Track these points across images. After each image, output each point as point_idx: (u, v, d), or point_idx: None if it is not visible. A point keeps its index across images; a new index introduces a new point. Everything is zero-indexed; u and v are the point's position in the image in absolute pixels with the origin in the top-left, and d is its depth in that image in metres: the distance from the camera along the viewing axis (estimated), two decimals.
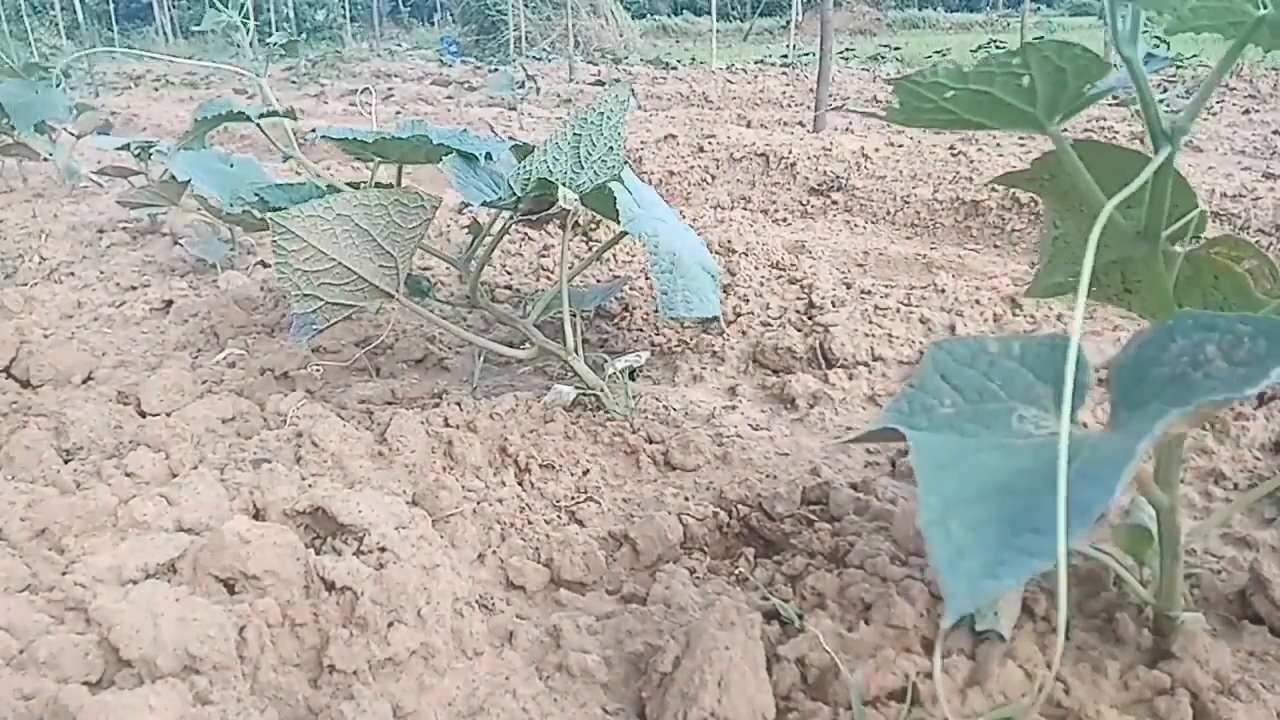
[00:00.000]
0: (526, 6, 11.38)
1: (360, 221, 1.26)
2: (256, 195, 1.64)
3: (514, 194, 1.39)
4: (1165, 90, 5.01)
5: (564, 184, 1.36)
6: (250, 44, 1.59)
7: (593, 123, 1.35)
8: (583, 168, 1.37)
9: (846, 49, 10.24)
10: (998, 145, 3.28)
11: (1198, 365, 0.55)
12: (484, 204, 1.47)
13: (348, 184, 1.61)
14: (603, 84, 7.31)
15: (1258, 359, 0.52)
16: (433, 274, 2.16)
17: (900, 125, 0.80)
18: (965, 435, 0.60)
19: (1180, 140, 0.67)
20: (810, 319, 1.77)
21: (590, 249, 2.33)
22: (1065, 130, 0.70)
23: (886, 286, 1.91)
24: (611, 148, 1.38)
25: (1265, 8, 0.56)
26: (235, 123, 1.54)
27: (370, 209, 1.27)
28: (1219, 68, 0.66)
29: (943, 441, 0.59)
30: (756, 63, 9.12)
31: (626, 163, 1.78)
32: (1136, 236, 0.72)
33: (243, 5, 1.65)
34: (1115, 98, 4.96)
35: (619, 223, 1.30)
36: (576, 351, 1.46)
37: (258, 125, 1.50)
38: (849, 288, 1.90)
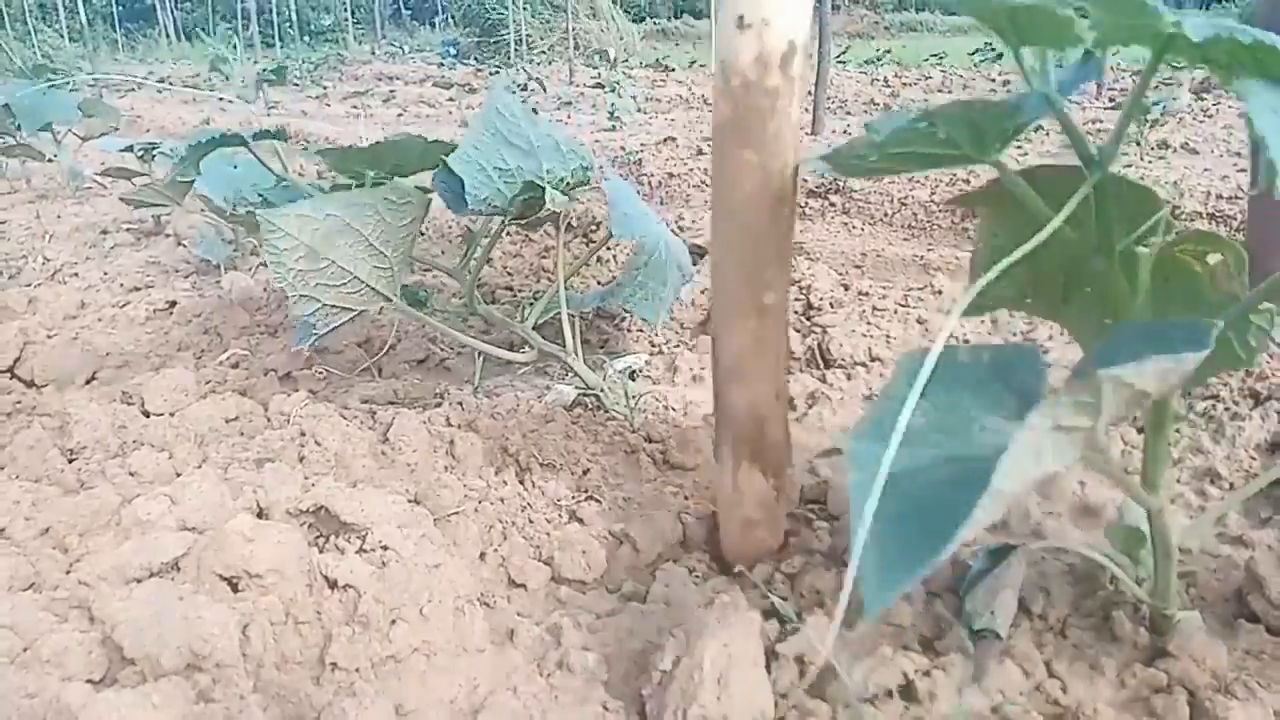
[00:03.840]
0: (526, 9, 11.39)
1: (350, 220, 1.27)
2: (260, 196, 1.65)
3: (505, 197, 1.40)
4: (1161, 91, 5.01)
5: (537, 178, 1.37)
6: (238, 69, 1.59)
7: (504, 116, 1.37)
8: (537, 154, 1.40)
9: (844, 52, 10.24)
10: None
11: None
12: (474, 212, 1.47)
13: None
14: (603, 86, 7.31)
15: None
16: (433, 274, 2.17)
17: (852, 176, 0.82)
18: (930, 447, 0.60)
19: (1108, 164, 0.68)
20: (808, 320, 1.78)
21: (590, 249, 2.33)
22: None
23: (884, 288, 1.91)
24: (549, 133, 1.40)
25: (1176, 27, 0.57)
26: (230, 146, 1.54)
27: (360, 207, 1.27)
28: (1141, 82, 0.66)
29: (899, 455, 0.59)
30: None
31: (625, 163, 1.78)
32: (1092, 252, 0.72)
33: (231, 38, 1.65)
34: (1111, 99, 4.97)
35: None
36: (576, 352, 1.47)
37: (251, 150, 1.51)
38: (847, 289, 1.90)
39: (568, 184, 1.42)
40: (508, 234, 2.21)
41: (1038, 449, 0.51)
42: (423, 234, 2.15)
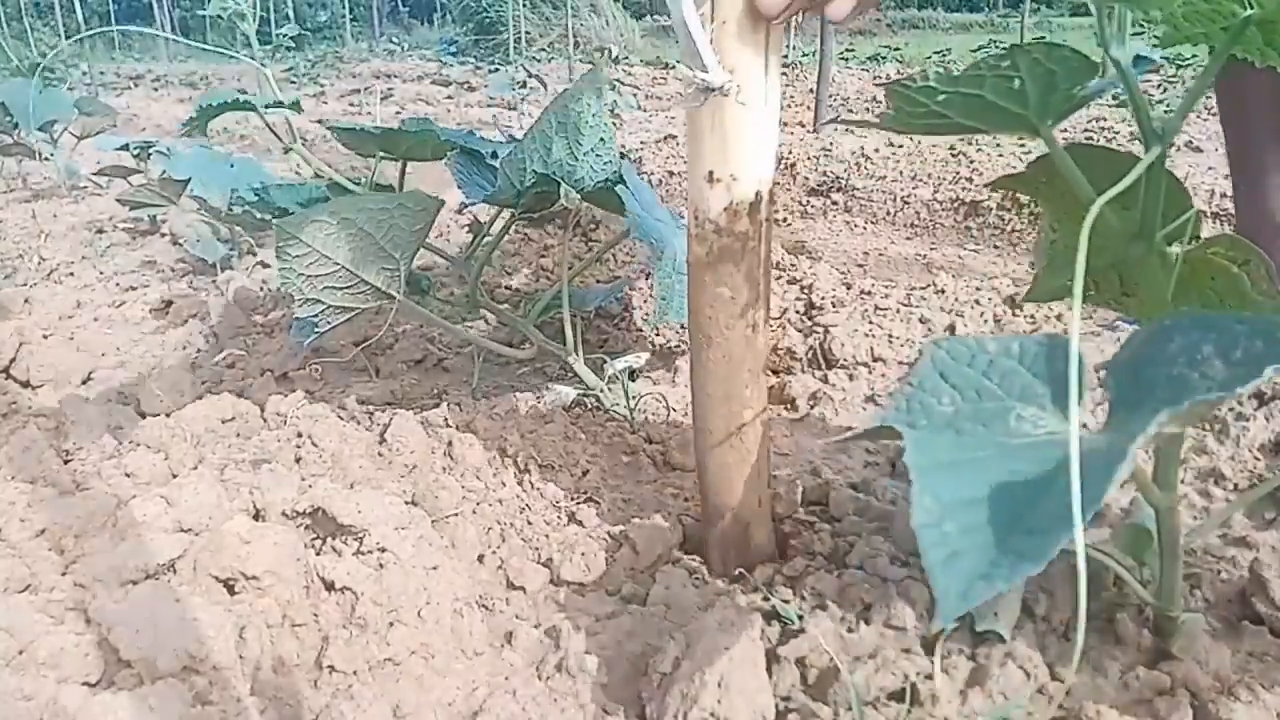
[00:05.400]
0: (526, 6, 11.38)
1: (364, 225, 1.26)
2: (257, 195, 1.64)
3: (515, 190, 1.38)
4: (1166, 91, 5.01)
5: (561, 177, 1.36)
6: (255, 34, 1.59)
7: (574, 110, 1.34)
8: (577, 160, 1.37)
9: (846, 49, 10.24)
10: (997, 145, 3.29)
11: (1194, 365, 0.55)
12: (485, 201, 1.47)
13: (349, 181, 1.61)
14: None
15: (1254, 359, 0.52)
16: (433, 274, 2.16)
17: (897, 132, 0.81)
18: (964, 434, 0.60)
19: (1170, 140, 0.67)
20: (810, 319, 1.77)
21: (590, 249, 2.33)
22: (1065, 131, 0.71)
23: (886, 287, 1.91)
24: (603, 138, 1.37)
25: (1252, 7, 0.56)
26: (239, 112, 1.53)
27: (374, 213, 1.26)
28: (1207, 68, 0.66)
29: (941, 441, 0.59)
30: None
31: (625, 158, 1.78)
32: (1132, 238, 0.72)
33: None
34: (1115, 98, 4.96)
35: (624, 215, 1.31)
36: (576, 352, 1.46)
37: (261, 116, 1.50)
38: (849, 288, 1.90)
39: (589, 191, 1.40)
40: (507, 233, 2.20)
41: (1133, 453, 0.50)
42: None
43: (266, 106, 1.46)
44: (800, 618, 0.86)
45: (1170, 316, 0.61)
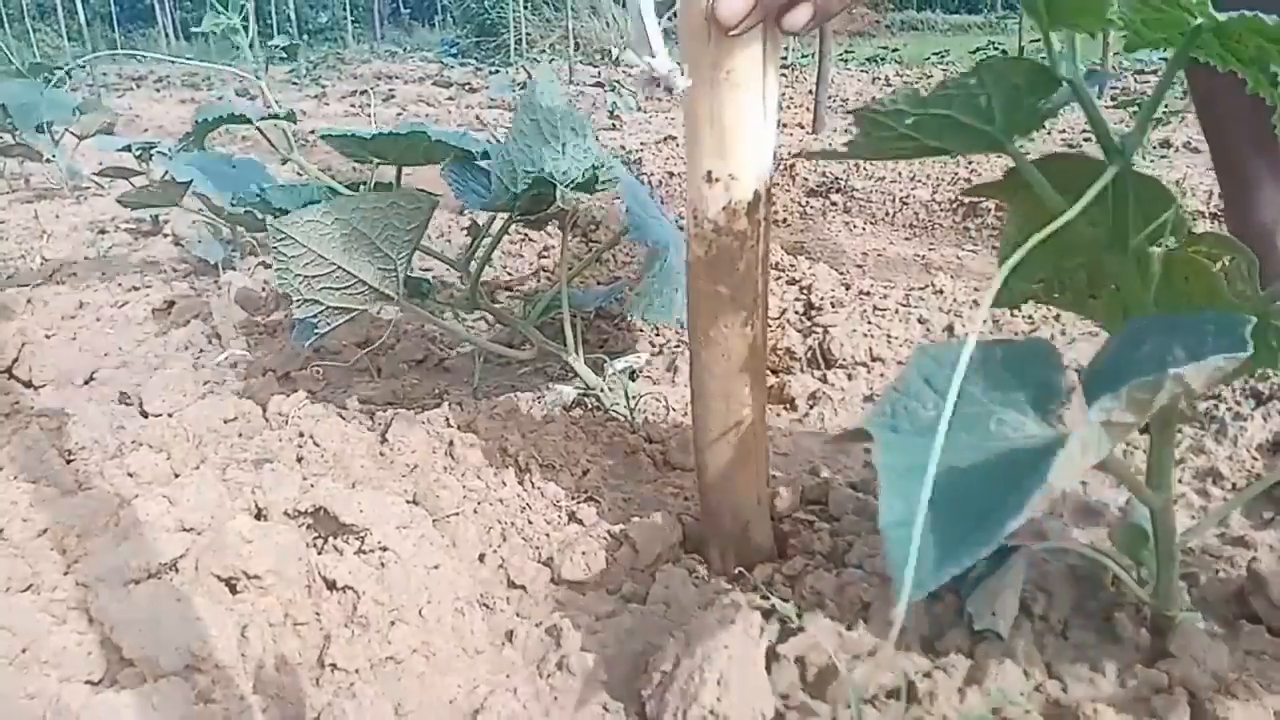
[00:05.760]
0: (526, 8, 11.39)
1: (358, 225, 1.27)
2: (258, 196, 1.65)
3: (511, 194, 1.39)
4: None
5: (551, 173, 1.37)
6: (251, 46, 1.60)
7: (544, 106, 1.35)
8: (562, 155, 1.38)
9: (845, 51, 10.25)
10: None
11: (1165, 365, 0.55)
12: (482, 208, 1.47)
13: (348, 185, 1.62)
14: (602, 85, 7.31)
15: (1217, 354, 0.53)
16: (433, 274, 2.16)
17: (865, 160, 0.82)
18: (949, 438, 0.60)
19: (1132, 153, 0.68)
20: (809, 320, 1.78)
21: (590, 249, 2.33)
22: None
23: (885, 287, 1.91)
24: (574, 128, 1.39)
25: (1198, 17, 0.56)
26: (235, 125, 1.54)
27: (368, 212, 1.27)
28: (1165, 75, 0.66)
29: (918, 444, 0.59)
30: None
31: (625, 162, 1.78)
32: (1106, 247, 0.72)
33: (243, 7, 1.65)
34: (1114, 98, 4.97)
35: (617, 203, 1.32)
36: (576, 352, 1.46)
37: (257, 128, 1.51)
38: (848, 289, 1.90)
39: (576, 184, 1.41)
40: (508, 234, 2.21)
41: (1086, 444, 0.51)
42: None
43: (262, 119, 1.47)
44: (799, 616, 0.87)
45: (1142, 320, 0.61)
